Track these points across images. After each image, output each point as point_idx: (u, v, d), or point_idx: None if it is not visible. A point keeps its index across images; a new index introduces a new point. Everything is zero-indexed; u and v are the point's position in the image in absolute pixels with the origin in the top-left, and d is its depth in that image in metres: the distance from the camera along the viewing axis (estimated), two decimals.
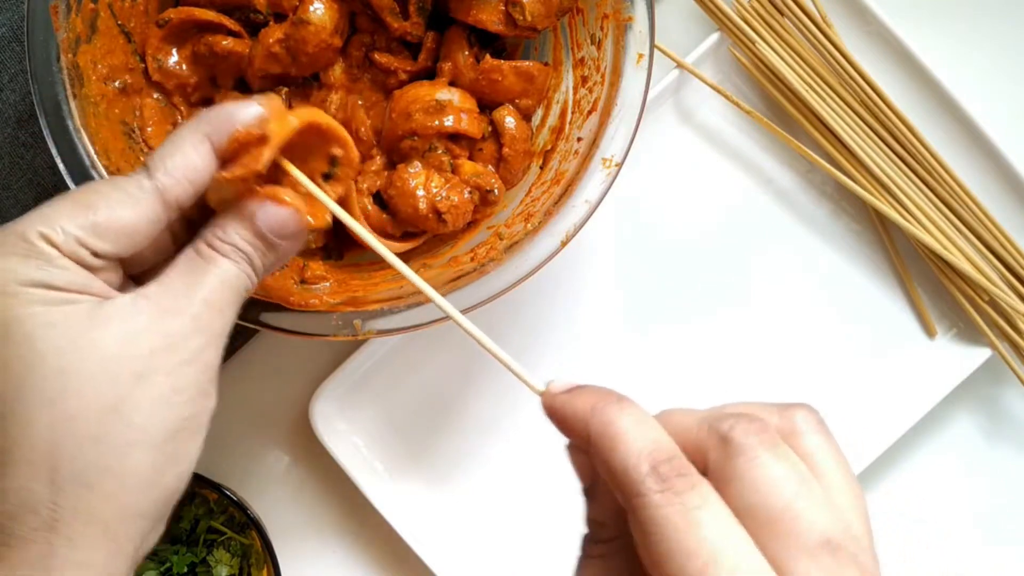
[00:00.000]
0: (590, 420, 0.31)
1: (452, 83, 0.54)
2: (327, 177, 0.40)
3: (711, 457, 0.29)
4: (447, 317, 0.48)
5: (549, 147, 0.54)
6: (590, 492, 0.34)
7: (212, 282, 0.36)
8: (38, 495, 0.32)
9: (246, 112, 0.37)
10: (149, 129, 0.52)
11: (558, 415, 0.33)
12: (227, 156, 0.37)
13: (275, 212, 0.38)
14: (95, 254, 0.35)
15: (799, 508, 0.28)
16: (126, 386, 0.33)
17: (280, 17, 0.53)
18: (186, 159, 0.37)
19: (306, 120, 0.39)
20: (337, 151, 0.40)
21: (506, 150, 0.54)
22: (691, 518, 0.27)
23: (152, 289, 0.36)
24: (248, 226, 0.38)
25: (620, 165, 0.49)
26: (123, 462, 0.33)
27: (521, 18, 0.52)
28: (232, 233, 0.37)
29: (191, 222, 0.39)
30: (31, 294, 0.33)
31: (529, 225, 0.50)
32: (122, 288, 0.37)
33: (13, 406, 0.32)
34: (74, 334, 0.33)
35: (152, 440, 0.34)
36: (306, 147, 0.40)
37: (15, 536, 0.32)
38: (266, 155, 0.37)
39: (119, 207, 0.35)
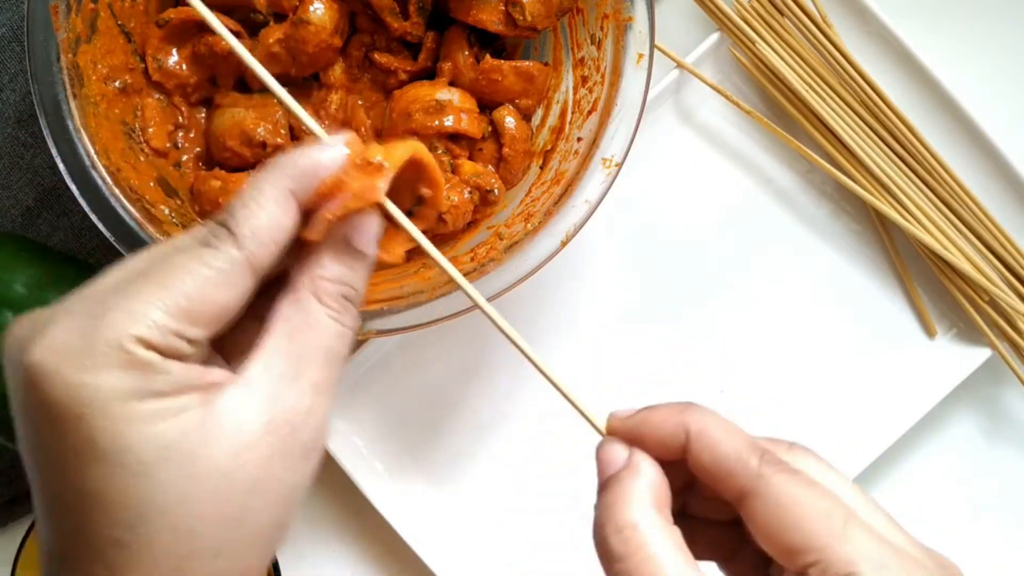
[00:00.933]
0: (689, 425, 0.33)
1: (452, 83, 0.54)
2: (407, 215, 0.37)
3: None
4: (447, 317, 0.48)
5: (549, 147, 0.54)
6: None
7: (319, 359, 0.33)
8: None
9: (331, 160, 0.34)
10: (150, 129, 0.52)
11: (640, 433, 0.35)
12: (310, 208, 0.34)
13: (363, 222, 0.35)
14: (190, 342, 0.32)
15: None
16: (244, 498, 0.32)
17: (280, 17, 0.53)
18: (273, 221, 0.33)
19: (412, 152, 0.36)
20: (426, 191, 0.38)
21: (506, 150, 0.54)
22: (816, 486, 0.32)
23: (256, 373, 0.33)
24: (346, 249, 0.34)
25: (620, 165, 0.49)
26: (244, 563, 0.33)
27: (521, 18, 0.52)
28: (334, 265, 0.34)
29: None
30: (138, 412, 0.30)
31: (529, 225, 0.50)
32: (207, 358, 0.34)
33: (134, 532, 0.31)
34: (190, 456, 0.31)
35: (269, 536, 0.33)
36: (397, 181, 0.37)
37: None
38: (384, 185, 0.34)
39: (212, 288, 0.32)
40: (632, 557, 0.31)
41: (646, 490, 0.33)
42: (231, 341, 0.35)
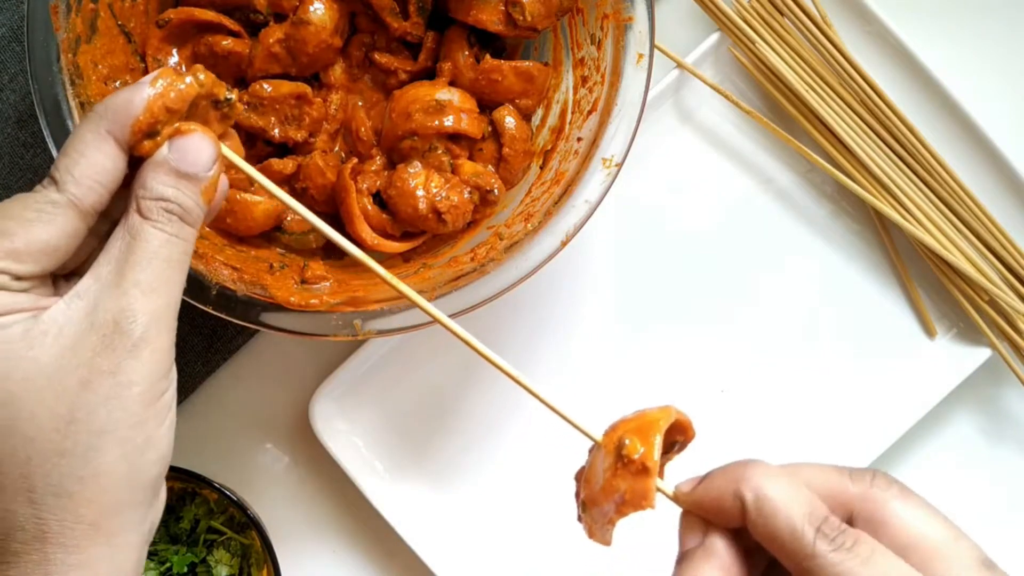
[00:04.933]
0: (744, 496, 0.33)
1: (452, 83, 0.54)
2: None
3: (859, 507, 0.34)
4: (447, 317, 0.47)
5: (549, 147, 0.54)
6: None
7: (141, 261, 0.35)
8: (21, 514, 0.33)
9: (140, 97, 0.36)
10: None
11: (703, 506, 0.34)
12: (135, 146, 0.36)
13: (183, 142, 0.36)
14: (18, 277, 0.34)
15: (956, 535, 0.33)
16: (74, 395, 0.33)
17: (280, 17, 0.53)
18: (92, 163, 0.35)
19: (665, 427, 0.36)
20: (680, 437, 0.38)
21: (506, 150, 0.54)
22: (870, 566, 0.31)
23: (85, 285, 0.35)
24: (164, 168, 0.36)
25: (620, 165, 0.49)
26: (94, 465, 0.33)
27: (521, 18, 0.52)
28: (153, 184, 0.36)
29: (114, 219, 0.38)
30: None
31: (529, 225, 0.50)
32: (56, 290, 0.36)
33: None
34: (13, 359, 0.33)
35: (116, 438, 0.34)
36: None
37: (10, 552, 0.33)
38: (655, 487, 0.35)
39: (35, 228, 0.34)
40: None
41: (716, 573, 0.33)
42: None
